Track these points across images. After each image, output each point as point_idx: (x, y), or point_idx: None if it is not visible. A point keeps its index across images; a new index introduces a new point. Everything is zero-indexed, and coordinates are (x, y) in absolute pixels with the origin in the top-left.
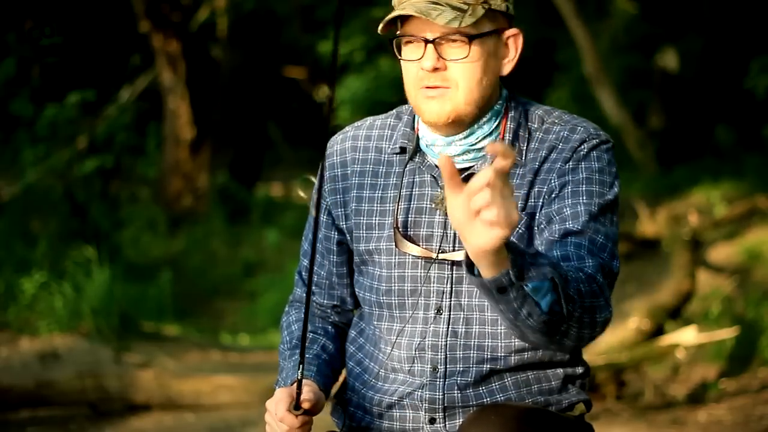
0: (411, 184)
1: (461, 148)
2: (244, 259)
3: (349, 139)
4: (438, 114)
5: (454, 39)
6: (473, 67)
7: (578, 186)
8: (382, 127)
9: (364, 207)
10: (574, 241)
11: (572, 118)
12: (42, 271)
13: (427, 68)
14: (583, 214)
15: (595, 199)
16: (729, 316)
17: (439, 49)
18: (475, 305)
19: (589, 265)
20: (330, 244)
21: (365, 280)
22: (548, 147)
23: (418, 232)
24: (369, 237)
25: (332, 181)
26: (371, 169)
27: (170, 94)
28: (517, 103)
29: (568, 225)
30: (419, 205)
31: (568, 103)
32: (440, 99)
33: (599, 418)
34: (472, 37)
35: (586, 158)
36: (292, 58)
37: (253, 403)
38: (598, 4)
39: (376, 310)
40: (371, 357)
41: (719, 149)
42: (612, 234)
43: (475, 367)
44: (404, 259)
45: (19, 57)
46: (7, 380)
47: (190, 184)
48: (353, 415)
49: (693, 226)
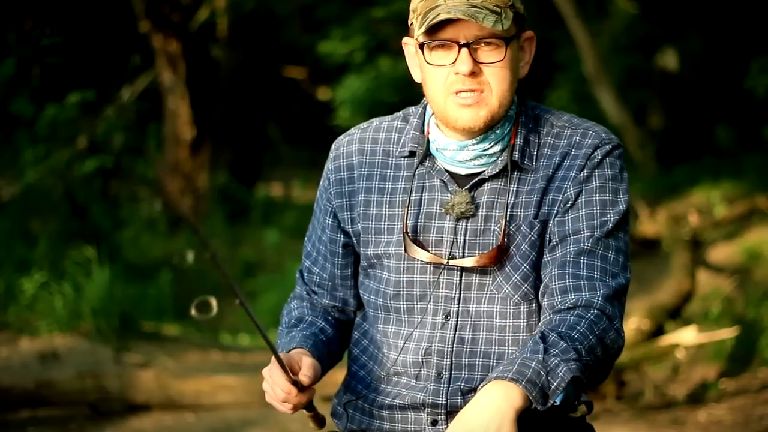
0: (421, 188)
1: (474, 153)
2: (244, 259)
3: (355, 142)
4: (474, 120)
5: (489, 42)
6: (506, 69)
7: (592, 196)
8: (389, 130)
9: (372, 211)
10: (587, 263)
11: (582, 121)
12: (42, 271)
13: (464, 72)
14: (597, 228)
15: (608, 209)
16: (729, 316)
17: (473, 54)
18: (483, 311)
19: (600, 295)
20: (336, 247)
21: (372, 283)
22: (561, 153)
23: (428, 237)
24: (378, 241)
25: (338, 184)
26: (379, 172)
27: (170, 94)
28: (527, 108)
29: (582, 245)
30: (429, 210)
31: (568, 103)
32: (476, 106)
33: (599, 418)
34: (508, 39)
35: (599, 166)
36: (292, 58)
37: (253, 403)
38: (598, 4)
39: (382, 313)
40: (375, 360)
41: (719, 149)
42: (624, 245)
43: (480, 374)
44: (413, 264)
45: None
46: (7, 380)
47: (190, 184)
48: (353, 418)
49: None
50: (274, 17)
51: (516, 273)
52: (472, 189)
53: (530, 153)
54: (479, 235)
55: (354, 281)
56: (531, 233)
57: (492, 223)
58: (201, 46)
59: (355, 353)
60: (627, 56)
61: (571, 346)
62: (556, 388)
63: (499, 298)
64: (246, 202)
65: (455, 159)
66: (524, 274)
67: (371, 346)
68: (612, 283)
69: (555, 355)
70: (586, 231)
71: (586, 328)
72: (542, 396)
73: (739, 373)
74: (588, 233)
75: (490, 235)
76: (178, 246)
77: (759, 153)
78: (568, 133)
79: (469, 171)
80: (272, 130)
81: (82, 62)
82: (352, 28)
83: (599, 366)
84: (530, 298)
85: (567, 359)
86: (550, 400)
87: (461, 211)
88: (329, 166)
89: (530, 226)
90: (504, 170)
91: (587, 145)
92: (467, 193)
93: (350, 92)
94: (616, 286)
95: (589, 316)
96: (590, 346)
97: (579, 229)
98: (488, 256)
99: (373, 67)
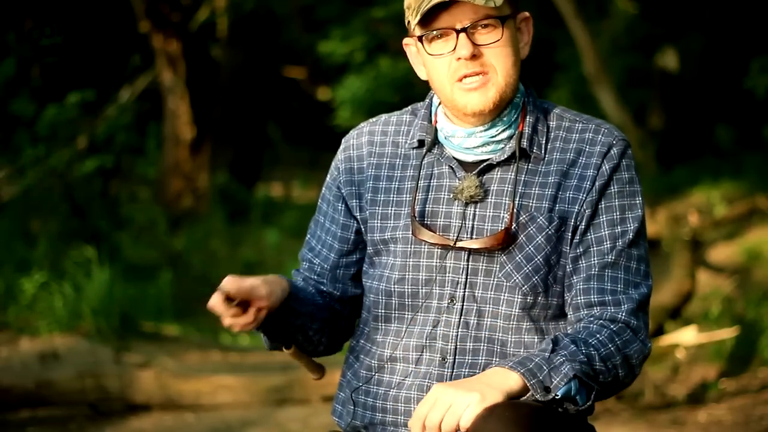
0: (429, 175)
1: (481, 140)
2: (244, 259)
3: (365, 134)
4: (484, 102)
5: (485, 24)
6: (507, 48)
7: (611, 201)
8: (398, 123)
9: (380, 197)
10: (611, 275)
11: (590, 117)
12: (42, 271)
13: (465, 56)
14: (619, 238)
15: (627, 214)
16: (729, 316)
17: (471, 37)
18: (490, 298)
19: (624, 309)
20: (348, 233)
21: (376, 270)
22: (575, 149)
23: (436, 222)
24: (384, 226)
25: (348, 173)
26: (388, 162)
27: (170, 94)
28: (534, 99)
29: (606, 258)
30: (437, 196)
31: (568, 103)
32: (482, 88)
33: (599, 418)
34: (504, 18)
35: (617, 169)
36: (292, 58)
37: (253, 403)
38: (598, 4)
39: (384, 298)
40: (374, 349)
41: (719, 149)
42: (644, 251)
43: (484, 359)
44: (420, 248)
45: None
46: (7, 380)
47: (190, 184)
48: (355, 413)
49: (693, 226)
50: (274, 17)
51: (528, 264)
52: (481, 174)
53: (539, 141)
54: (488, 221)
55: (356, 272)
56: (549, 227)
57: (501, 209)
58: (201, 46)
59: (353, 345)
60: (627, 56)
61: (583, 350)
62: (558, 383)
63: (508, 287)
64: (246, 202)
65: (463, 146)
66: (536, 265)
67: (372, 335)
68: (635, 295)
69: (562, 355)
70: (608, 242)
71: (606, 337)
72: (542, 388)
73: (739, 373)
74: (610, 244)
75: (499, 222)
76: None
77: (759, 153)
78: (579, 127)
79: (477, 158)
80: (272, 130)
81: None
82: (352, 28)
83: (616, 375)
84: (538, 291)
85: (573, 360)
86: (551, 393)
87: (470, 195)
88: (339, 157)
89: (549, 220)
90: (513, 157)
91: (601, 142)
92: (476, 178)
93: (350, 92)
94: (639, 297)
95: (612, 327)
96: (607, 354)
97: (602, 239)
98: (495, 238)
99: (373, 67)
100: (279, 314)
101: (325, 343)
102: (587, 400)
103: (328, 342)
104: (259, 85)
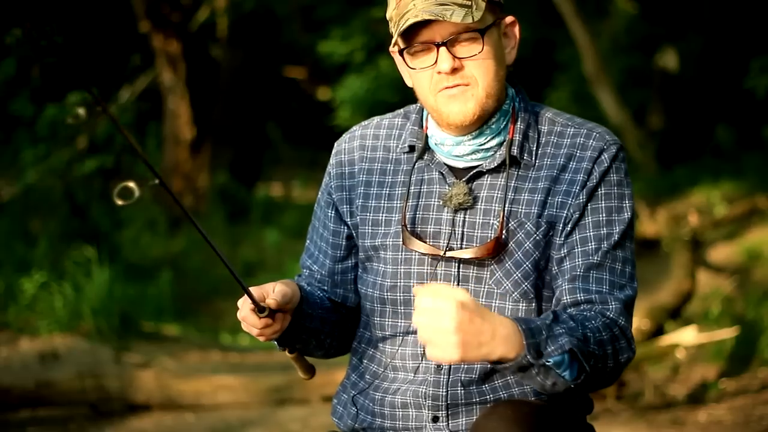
0: (419, 181)
1: (470, 148)
2: (244, 259)
3: (356, 138)
4: (464, 113)
5: (465, 37)
6: (488, 60)
7: (598, 203)
8: (390, 126)
9: (371, 204)
10: (596, 277)
11: (583, 121)
12: (42, 271)
13: (446, 70)
14: (604, 240)
15: (614, 216)
16: (729, 316)
17: (451, 50)
18: (481, 304)
19: (612, 309)
20: (339, 239)
21: (369, 276)
22: (566, 154)
23: (426, 229)
24: (375, 233)
25: (339, 178)
26: (379, 167)
27: (170, 94)
28: (525, 104)
29: (590, 259)
30: (427, 202)
31: (568, 103)
32: (462, 97)
33: (599, 418)
34: (483, 30)
35: (607, 173)
36: (292, 58)
37: (253, 403)
38: (598, 4)
39: (378, 306)
40: (375, 354)
41: (719, 149)
42: (630, 254)
43: (480, 364)
44: (411, 255)
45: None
46: (7, 380)
47: (190, 184)
48: (355, 416)
49: (693, 226)
50: (274, 17)
51: (517, 270)
52: (470, 181)
53: (529, 148)
54: (478, 228)
55: (354, 277)
56: (536, 233)
57: (491, 216)
58: (201, 46)
59: (355, 348)
60: (627, 56)
61: (580, 330)
62: (553, 351)
63: (498, 294)
64: (246, 202)
65: (452, 153)
66: (525, 272)
67: (372, 340)
68: (621, 296)
69: (562, 327)
70: (593, 243)
71: (600, 325)
72: (536, 350)
73: (739, 373)
74: (595, 245)
75: (489, 229)
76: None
77: (759, 153)
78: (571, 131)
79: (466, 165)
80: (272, 130)
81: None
82: (352, 28)
83: (605, 364)
84: (530, 297)
85: (572, 335)
86: (543, 359)
87: (459, 202)
88: (331, 162)
89: (536, 226)
90: (503, 164)
91: (592, 147)
92: (465, 185)
93: (350, 92)
94: (625, 299)
95: (605, 319)
96: (600, 340)
97: (587, 240)
98: (486, 248)
99: (373, 67)
100: (295, 319)
101: (335, 346)
102: (576, 379)
103: (338, 344)
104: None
